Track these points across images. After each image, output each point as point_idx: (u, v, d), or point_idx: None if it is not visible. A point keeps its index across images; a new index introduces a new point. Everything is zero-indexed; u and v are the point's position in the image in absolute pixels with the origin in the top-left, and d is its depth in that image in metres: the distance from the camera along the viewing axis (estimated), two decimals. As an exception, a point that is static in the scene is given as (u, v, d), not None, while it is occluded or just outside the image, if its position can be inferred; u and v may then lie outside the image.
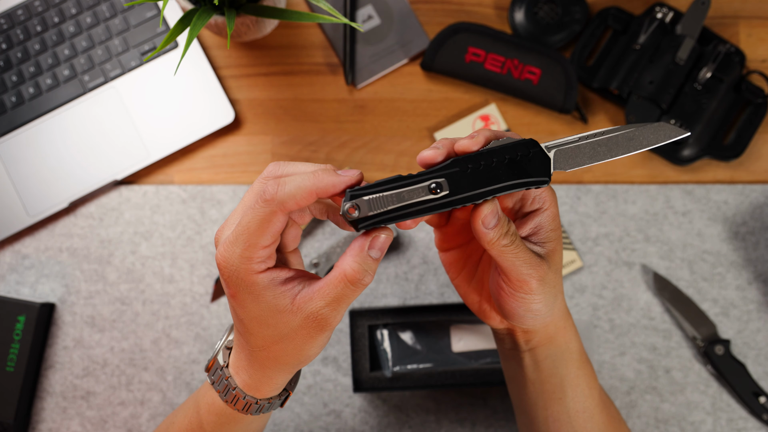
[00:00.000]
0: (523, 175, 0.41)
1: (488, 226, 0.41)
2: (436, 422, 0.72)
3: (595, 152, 0.43)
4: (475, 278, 0.50)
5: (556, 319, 0.48)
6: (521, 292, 0.44)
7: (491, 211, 0.41)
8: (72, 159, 0.75)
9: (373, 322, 0.68)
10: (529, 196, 0.46)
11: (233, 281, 0.41)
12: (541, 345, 0.49)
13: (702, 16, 0.73)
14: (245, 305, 0.41)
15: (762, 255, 0.74)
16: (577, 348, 0.50)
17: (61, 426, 0.73)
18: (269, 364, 0.44)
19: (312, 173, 0.39)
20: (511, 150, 0.41)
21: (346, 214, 0.40)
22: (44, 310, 0.73)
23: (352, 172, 0.41)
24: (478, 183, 0.40)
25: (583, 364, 0.51)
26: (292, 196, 0.38)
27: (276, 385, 0.46)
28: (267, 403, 0.46)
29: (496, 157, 0.41)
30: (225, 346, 0.47)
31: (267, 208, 0.39)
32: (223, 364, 0.46)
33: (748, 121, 0.74)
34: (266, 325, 0.41)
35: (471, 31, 0.75)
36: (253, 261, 0.40)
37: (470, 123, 0.76)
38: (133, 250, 0.75)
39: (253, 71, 0.77)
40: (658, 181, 0.75)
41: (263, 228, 0.39)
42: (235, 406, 0.46)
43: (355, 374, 0.67)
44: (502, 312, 0.47)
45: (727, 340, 0.72)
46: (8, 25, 0.76)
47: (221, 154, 0.76)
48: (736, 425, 0.72)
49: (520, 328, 0.48)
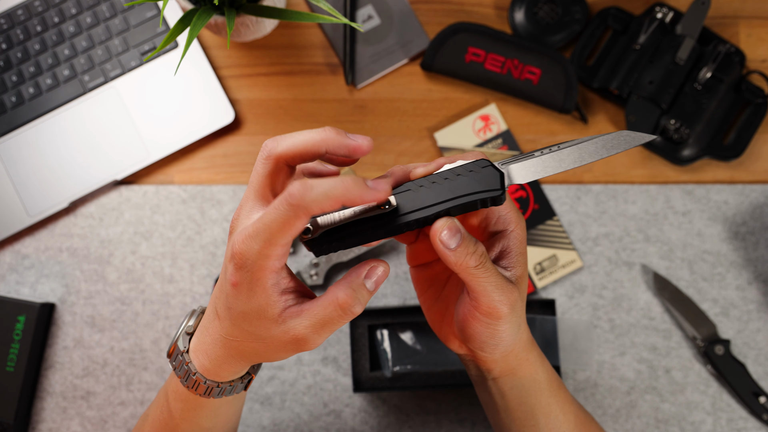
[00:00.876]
0: (474, 188, 0.41)
1: (447, 245, 0.41)
2: (436, 422, 0.72)
3: (546, 164, 0.43)
4: (440, 299, 0.49)
5: (517, 349, 0.47)
6: (489, 318, 0.43)
7: (447, 227, 0.41)
8: (72, 159, 0.75)
9: (373, 322, 0.68)
10: (493, 215, 0.45)
11: (243, 272, 0.40)
12: (503, 376, 0.48)
13: (702, 16, 0.73)
14: (240, 297, 0.41)
15: (762, 255, 0.74)
16: (545, 377, 0.49)
17: (61, 426, 0.73)
18: (235, 354, 0.44)
19: (341, 183, 0.38)
20: (461, 168, 0.42)
21: (301, 237, 0.40)
22: (44, 310, 0.73)
23: (382, 187, 0.39)
24: (428, 199, 0.41)
25: (554, 390, 0.50)
26: (319, 203, 0.38)
27: (236, 371, 0.46)
28: (228, 386, 0.46)
29: (446, 176, 0.41)
30: (185, 332, 0.47)
31: (291, 211, 0.38)
32: (183, 350, 0.46)
33: (748, 121, 0.74)
34: (249, 322, 0.41)
35: (471, 31, 0.75)
36: (270, 258, 0.40)
37: (470, 123, 0.76)
38: (133, 250, 0.75)
39: (253, 71, 0.77)
40: (658, 181, 0.75)
41: (285, 230, 0.39)
42: (197, 390, 0.46)
43: (355, 374, 0.67)
44: (463, 336, 0.46)
45: (727, 340, 0.72)
46: (8, 25, 0.76)
47: (221, 154, 0.76)
48: (736, 425, 0.72)
49: (480, 355, 0.47)
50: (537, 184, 0.75)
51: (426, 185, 0.41)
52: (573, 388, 0.72)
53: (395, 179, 0.42)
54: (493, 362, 0.47)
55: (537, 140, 0.76)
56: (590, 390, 0.72)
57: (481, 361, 0.47)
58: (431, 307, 0.50)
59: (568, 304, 0.73)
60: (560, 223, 0.74)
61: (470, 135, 0.75)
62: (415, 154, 0.76)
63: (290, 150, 0.41)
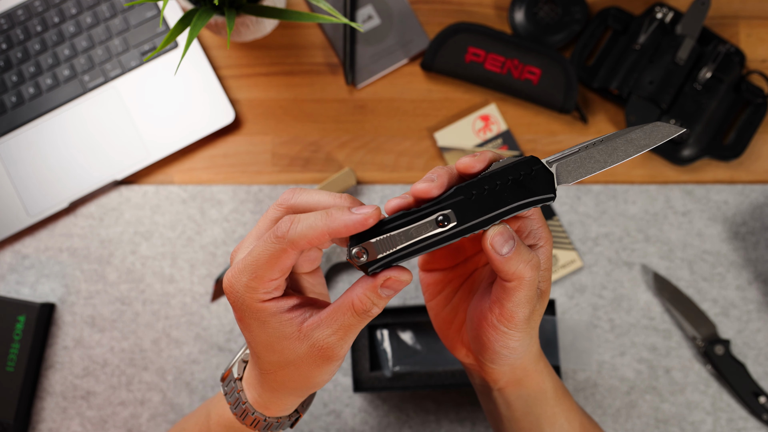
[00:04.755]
0: (529, 195, 0.39)
1: (500, 250, 0.39)
2: (436, 422, 0.72)
3: (596, 161, 0.41)
4: (450, 305, 0.48)
5: (526, 362, 0.46)
6: (506, 325, 0.42)
7: (499, 233, 0.39)
8: (72, 159, 0.75)
9: (372, 322, 0.68)
10: (524, 230, 0.43)
11: (238, 307, 0.40)
12: (509, 386, 0.47)
13: (702, 16, 0.73)
14: (251, 330, 0.41)
15: (762, 255, 0.74)
16: (551, 386, 0.49)
17: (61, 426, 0.73)
18: (277, 387, 0.43)
19: (325, 214, 0.38)
20: (513, 170, 0.39)
21: (354, 260, 0.38)
22: (44, 310, 0.73)
23: (367, 210, 0.38)
24: (485, 209, 0.39)
25: (559, 399, 0.49)
26: (304, 236, 0.38)
27: (285, 407, 0.45)
28: (276, 422, 0.46)
29: (499, 180, 0.39)
30: (242, 359, 0.47)
31: (278, 245, 0.38)
32: (237, 377, 0.46)
33: (748, 121, 0.74)
34: (272, 351, 0.41)
35: (471, 31, 0.75)
36: (258, 291, 0.39)
37: (470, 123, 0.76)
38: (133, 250, 0.75)
39: (253, 71, 0.77)
40: (658, 181, 0.75)
41: (272, 263, 0.38)
42: (244, 420, 0.45)
43: (355, 374, 0.67)
44: (475, 344, 0.45)
45: (727, 340, 0.72)
46: (8, 25, 0.76)
47: (221, 154, 0.76)
48: (736, 425, 0.72)
49: (488, 366, 0.45)
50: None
51: (478, 192, 0.39)
52: (573, 388, 0.72)
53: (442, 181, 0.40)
54: (500, 374, 0.46)
55: (537, 140, 0.76)
56: (590, 390, 0.72)
57: (488, 372, 0.46)
58: (439, 313, 0.49)
59: (568, 304, 0.73)
60: (560, 223, 0.74)
61: (470, 135, 0.75)
62: (415, 154, 0.76)
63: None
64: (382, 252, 0.39)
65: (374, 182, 0.76)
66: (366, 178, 0.76)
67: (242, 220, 0.75)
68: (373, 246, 0.38)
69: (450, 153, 0.75)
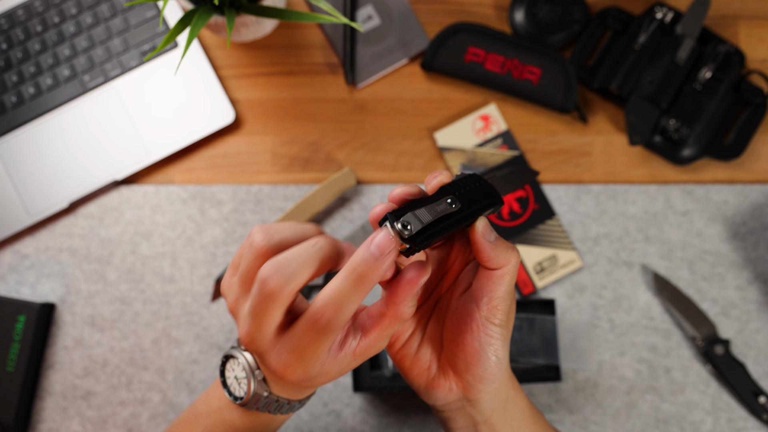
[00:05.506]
0: (490, 197, 0.43)
1: (488, 238, 0.42)
2: (436, 422, 0.72)
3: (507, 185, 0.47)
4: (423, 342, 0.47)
5: (507, 377, 0.46)
6: (491, 321, 0.43)
7: (485, 224, 0.43)
8: (72, 159, 0.75)
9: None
10: None
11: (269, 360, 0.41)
12: (495, 414, 0.47)
13: (702, 16, 0.73)
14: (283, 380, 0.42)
15: (762, 255, 0.74)
16: (527, 404, 0.49)
17: (61, 426, 0.73)
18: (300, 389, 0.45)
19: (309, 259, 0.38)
20: (471, 179, 0.44)
21: (402, 232, 0.38)
22: (44, 310, 0.73)
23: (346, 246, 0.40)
24: (473, 201, 0.42)
25: (536, 417, 0.50)
26: (293, 289, 0.38)
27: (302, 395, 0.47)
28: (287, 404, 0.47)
29: (472, 183, 0.43)
30: (257, 378, 0.46)
31: (270, 303, 0.38)
32: (266, 394, 0.45)
33: (747, 121, 0.74)
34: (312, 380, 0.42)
35: (471, 31, 0.75)
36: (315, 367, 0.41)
37: (470, 123, 0.76)
38: (133, 250, 0.75)
39: (253, 71, 0.77)
40: (658, 181, 0.75)
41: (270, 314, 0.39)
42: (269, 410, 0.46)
43: (355, 374, 0.67)
44: (461, 363, 0.44)
45: (727, 340, 0.72)
46: (8, 25, 0.76)
47: (221, 154, 0.76)
48: (736, 425, 0.72)
49: (476, 388, 0.45)
50: (537, 184, 0.75)
51: (460, 190, 0.42)
52: (573, 388, 0.72)
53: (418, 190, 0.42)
54: (488, 396, 0.45)
55: (537, 140, 0.76)
56: (590, 390, 0.72)
57: (475, 399, 0.46)
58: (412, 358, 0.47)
59: (568, 304, 0.73)
60: (560, 223, 0.74)
61: (470, 135, 0.75)
62: (415, 154, 0.76)
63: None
64: (424, 223, 0.39)
65: (374, 182, 0.76)
66: (366, 178, 0.76)
67: (242, 220, 0.75)
68: (414, 218, 0.39)
69: (450, 153, 0.75)
